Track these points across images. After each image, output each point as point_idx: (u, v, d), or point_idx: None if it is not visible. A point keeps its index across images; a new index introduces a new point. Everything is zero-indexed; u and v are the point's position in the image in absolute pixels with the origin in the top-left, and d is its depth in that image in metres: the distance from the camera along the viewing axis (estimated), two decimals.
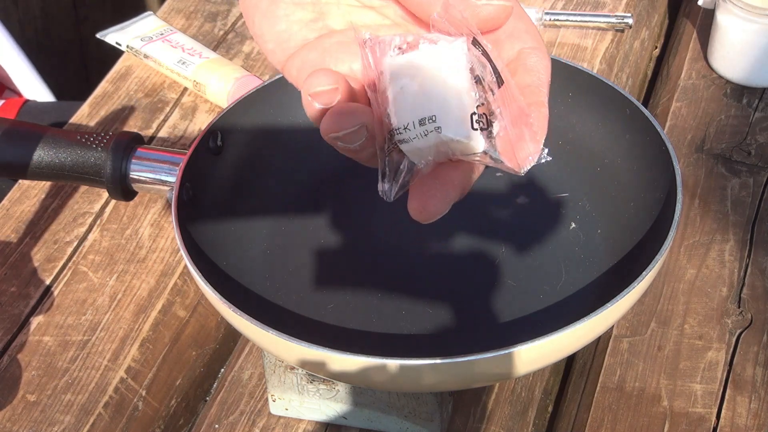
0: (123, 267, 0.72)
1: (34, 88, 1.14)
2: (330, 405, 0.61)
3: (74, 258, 0.73)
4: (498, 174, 0.69)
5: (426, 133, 0.42)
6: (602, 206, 0.65)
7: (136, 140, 0.66)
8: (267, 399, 0.64)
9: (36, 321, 0.69)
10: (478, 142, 0.42)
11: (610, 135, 0.66)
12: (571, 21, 0.92)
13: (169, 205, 0.66)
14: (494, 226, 0.66)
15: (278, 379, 0.61)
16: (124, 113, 0.85)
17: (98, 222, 0.76)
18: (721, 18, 0.84)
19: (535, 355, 0.51)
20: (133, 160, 0.64)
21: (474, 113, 0.42)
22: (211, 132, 0.64)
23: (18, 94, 1.15)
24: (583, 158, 0.67)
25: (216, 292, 0.53)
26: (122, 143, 0.65)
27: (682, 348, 0.65)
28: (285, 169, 0.68)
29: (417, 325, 0.60)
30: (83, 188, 0.78)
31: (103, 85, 0.88)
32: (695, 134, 0.81)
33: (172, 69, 0.86)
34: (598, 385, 0.64)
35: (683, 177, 0.71)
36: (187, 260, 0.55)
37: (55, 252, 0.74)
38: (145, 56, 0.88)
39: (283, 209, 0.67)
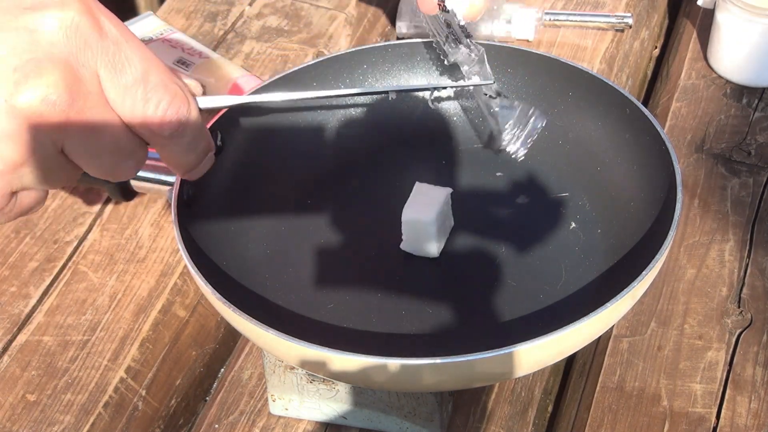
0: (123, 267, 0.72)
1: None
2: (330, 405, 0.61)
3: (74, 258, 0.73)
4: (498, 174, 0.69)
5: None
6: (602, 206, 0.65)
7: None
8: (267, 399, 0.64)
9: (36, 321, 0.69)
10: None
11: (610, 135, 0.66)
12: (571, 21, 0.92)
13: (169, 205, 0.66)
14: (494, 226, 0.66)
15: (278, 379, 0.61)
16: None
17: (98, 222, 0.76)
18: (721, 18, 0.84)
19: (535, 355, 0.51)
20: None
21: None
22: (211, 132, 0.64)
23: None
24: (583, 158, 0.67)
25: (216, 292, 0.53)
26: None
27: (682, 348, 0.65)
28: (285, 169, 0.68)
29: (417, 325, 0.60)
30: (83, 188, 0.78)
31: None
32: (695, 134, 0.81)
33: (171, 69, 0.86)
34: (598, 385, 0.64)
35: (683, 177, 0.71)
36: (186, 260, 0.55)
37: (55, 252, 0.74)
38: None
39: (283, 209, 0.67)
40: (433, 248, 0.63)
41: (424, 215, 0.62)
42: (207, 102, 0.54)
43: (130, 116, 0.48)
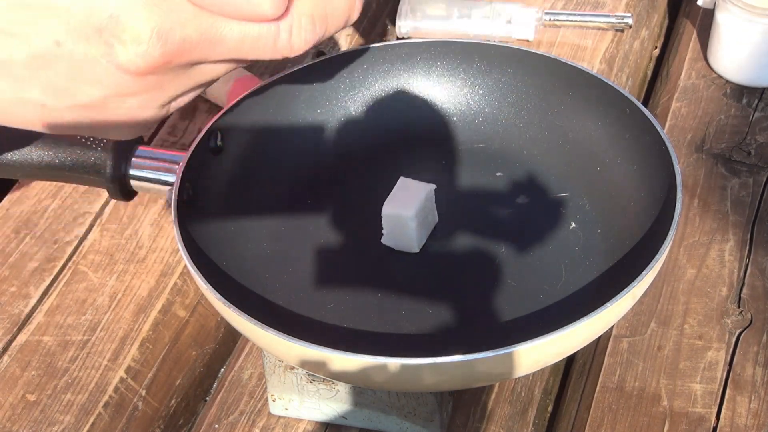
0: (123, 267, 0.72)
1: None
2: (330, 405, 0.61)
3: (74, 258, 0.73)
4: (498, 174, 0.69)
5: None
6: (602, 206, 0.65)
7: (136, 140, 0.66)
8: (267, 399, 0.64)
9: (36, 321, 0.69)
10: None
11: (610, 135, 0.66)
12: (571, 21, 0.92)
13: (169, 205, 0.66)
14: (494, 226, 0.66)
15: (278, 379, 0.61)
16: None
17: (98, 222, 0.76)
18: (721, 18, 0.84)
19: (535, 355, 0.51)
20: (133, 160, 0.64)
21: None
22: (211, 132, 0.64)
23: None
24: (583, 158, 0.67)
25: (216, 292, 0.53)
26: (122, 143, 0.65)
27: (682, 348, 0.65)
28: (285, 169, 0.68)
29: (417, 325, 0.60)
30: (83, 188, 0.78)
31: None
32: (695, 134, 0.81)
33: None
34: (598, 385, 0.64)
35: (683, 177, 0.71)
36: (186, 260, 0.55)
37: (55, 252, 0.74)
38: None
39: (283, 209, 0.67)
40: (414, 243, 0.63)
41: (404, 210, 0.62)
42: None
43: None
